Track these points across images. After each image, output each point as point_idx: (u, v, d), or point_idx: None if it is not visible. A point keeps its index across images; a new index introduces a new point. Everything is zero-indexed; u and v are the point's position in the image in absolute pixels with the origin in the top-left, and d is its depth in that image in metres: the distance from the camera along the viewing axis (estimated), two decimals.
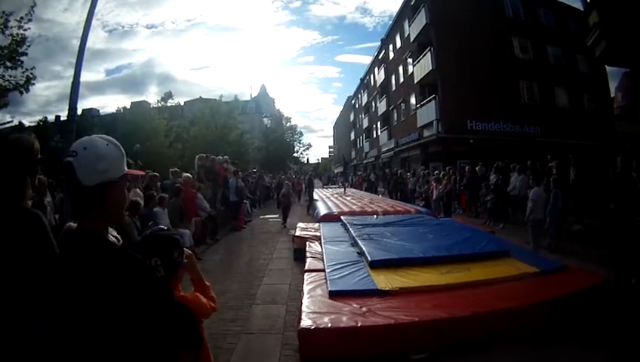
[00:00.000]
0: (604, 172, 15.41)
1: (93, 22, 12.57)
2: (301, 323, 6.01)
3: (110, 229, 2.15)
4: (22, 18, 20.31)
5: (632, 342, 6.11)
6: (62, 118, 48.12)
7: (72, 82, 11.85)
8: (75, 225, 2.11)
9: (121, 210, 2.20)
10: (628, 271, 8.58)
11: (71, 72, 12.23)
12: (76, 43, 12.25)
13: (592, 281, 7.85)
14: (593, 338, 6.21)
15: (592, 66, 36.78)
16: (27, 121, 50.35)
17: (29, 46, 20.97)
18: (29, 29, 20.77)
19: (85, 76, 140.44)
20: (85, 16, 12.15)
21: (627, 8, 14.03)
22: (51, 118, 55.67)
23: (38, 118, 58.13)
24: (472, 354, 5.85)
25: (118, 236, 2.24)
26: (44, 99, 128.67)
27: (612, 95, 23.04)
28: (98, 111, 72.19)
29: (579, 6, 25.20)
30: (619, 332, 6.45)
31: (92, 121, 56.64)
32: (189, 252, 3.00)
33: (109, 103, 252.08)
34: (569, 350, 5.91)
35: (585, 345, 6.00)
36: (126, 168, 2.17)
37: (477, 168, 21.62)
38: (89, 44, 12.58)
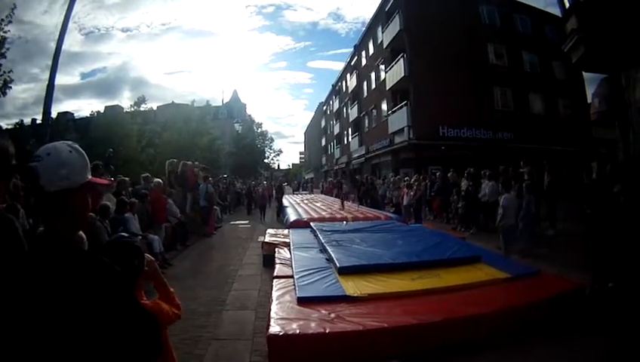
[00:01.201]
0: (579, 177, 15.51)
1: (70, 24, 12.49)
2: (270, 330, 6.00)
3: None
4: (2, 20, 20.16)
5: (610, 347, 6.15)
6: (38, 122, 47.61)
7: (47, 85, 11.76)
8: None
9: (84, 217, 2.20)
10: (604, 276, 8.63)
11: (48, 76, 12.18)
12: (54, 45, 12.17)
13: (566, 286, 7.91)
14: (567, 343, 6.25)
15: (568, 72, 37.20)
16: (4, 124, 49.19)
17: (7, 49, 20.82)
18: (9, 31, 20.60)
19: (61, 79, 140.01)
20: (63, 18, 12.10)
21: (607, 14, 14.18)
22: (28, 120, 54.73)
23: (15, 120, 57.40)
24: (443, 360, 5.88)
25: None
26: (21, 102, 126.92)
27: (589, 101, 23.21)
28: (73, 114, 71.01)
29: (556, 12, 25.42)
30: (595, 336, 6.48)
31: (67, 124, 55.95)
32: (151, 258, 2.99)
33: (84, 107, 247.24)
34: (543, 355, 5.95)
35: (558, 350, 6.05)
36: (89, 176, 2.17)
37: (449, 174, 21.70)
38: (65, 46, 12.52)
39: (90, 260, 1.95)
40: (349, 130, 61.18)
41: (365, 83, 51.51)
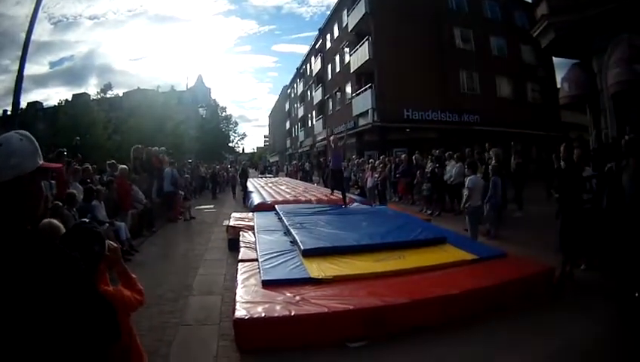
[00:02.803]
0: (548, 160, 15.71)
1: (40, 14, 12.43)
2: (235, 314, 6.04)
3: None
4: None
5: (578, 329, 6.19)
6: (9, 113, 47.04)
7: (17, 77, 11.75)
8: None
9: (38, 202, 2.21)
10: (574, 258, 8.72)
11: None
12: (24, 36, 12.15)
13: (532, 268, 8.03)
14: (533, 324, 6.34)
15: (537, 57, 37.56)
16: None
17: None
18: None
19: (30, 69, 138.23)
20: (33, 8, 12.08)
21: (579, 0, 14.34)
22: None
23: None
24: (409, 341, 5.91)
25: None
26: None
27: (558, 86, 23.52)
28: (42, 104, 70.71)
29: None
30: (562, 317, 6.61)
31: (36, 114, 55.70)
32: (115, 245, 3.00)
33: (52, 96, 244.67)
34: (506, 336, 6.02)
35: (524, 332, 6.13)
36: (40, 161, 2.19)
37: (414, 156, 21.80)
38: (35, 36, 12.51)
39: (44, 247, 1.97)
40: (314, 112, 61.64)
41: (330, 66, 51.90)
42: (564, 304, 7.24)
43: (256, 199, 19.05)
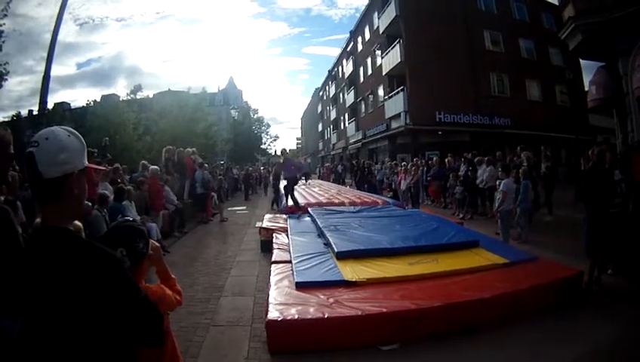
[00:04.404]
0: (577, 164, 15.51)
1: (65, 15, 12.47)
2: (268, 315, 6.01)
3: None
4: None
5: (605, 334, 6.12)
6: (35, 113, 47.24)
7: (43, 76, 11.81)
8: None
9: (82, 203, 2.14)
10: (602, 262, 8.60)
11: (43, 67, 12.16)
12: (49, 37, 12.22)
13: (563, 272, 7.87)
14: (564, 328, 6.26)
15: (565, 59, 36.99)
16: (0, 117, 49.60)
17: (3, 41, 20.85)
18: (4, 24, 20.63)
19: (56, 70, 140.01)
20: (58, 9, 12.10)
21: (604, 2, 14.15)
22: (24, 112, 54.12)
23: (12, 113, 56.69)
24: (441, 344, 5.85)
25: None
26: (17, 95, 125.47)
27: (586, 88, 23.29)
28: (69, 104, 70.39)
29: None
30: (593, 322, 6.54)
31: (63, 114, 55.43)
32: (156, 244, 2.98)
33: (80, 97, 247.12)
34: (540, 340, 5.94)
35: (556, 335, 6.04)
36: (86, 161, 2.10)
37: (446, 159, 21.80)
38: (61, 37, 12.62)
39: (90, 250, 1.91)
40: (346, 115, 61.67)
41: (361, 68, 51.80)
42: (591, 308, 7.17)
43: (289, 201, 18.95)
